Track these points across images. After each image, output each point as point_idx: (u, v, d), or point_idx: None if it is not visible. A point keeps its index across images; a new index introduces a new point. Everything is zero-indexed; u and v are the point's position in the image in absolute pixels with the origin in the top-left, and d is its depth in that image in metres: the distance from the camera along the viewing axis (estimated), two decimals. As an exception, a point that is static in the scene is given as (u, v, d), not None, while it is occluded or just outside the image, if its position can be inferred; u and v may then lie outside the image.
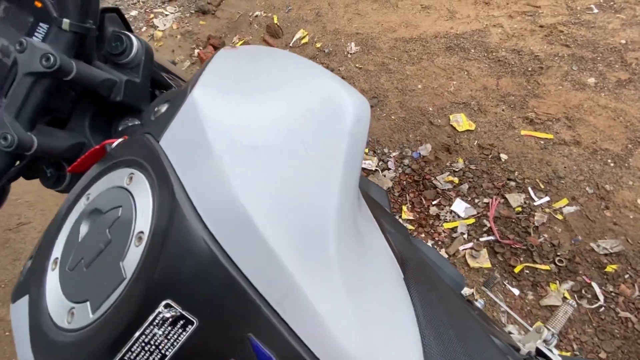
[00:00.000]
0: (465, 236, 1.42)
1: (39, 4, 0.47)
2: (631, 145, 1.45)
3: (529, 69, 1.76)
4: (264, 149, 0.28)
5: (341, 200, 0.29)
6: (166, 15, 2.77)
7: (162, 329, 0.23)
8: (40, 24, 0.47)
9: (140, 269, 0.25)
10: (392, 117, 1.80)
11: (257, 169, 0.27)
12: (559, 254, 1.30)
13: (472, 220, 1.44)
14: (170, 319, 0.23)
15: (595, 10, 1.87)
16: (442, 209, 1.49)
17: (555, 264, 1.29)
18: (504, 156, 1.54)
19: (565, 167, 1.47)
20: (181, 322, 0.23)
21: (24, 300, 0.31)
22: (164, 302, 0.23)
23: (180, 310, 0.23)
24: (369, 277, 0.32)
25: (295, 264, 0.25)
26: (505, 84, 1.75)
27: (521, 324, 0.96)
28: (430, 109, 1.77)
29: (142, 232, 0.26)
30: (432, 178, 1.56)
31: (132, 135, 0.47)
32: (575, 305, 1.15)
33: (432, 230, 1.46)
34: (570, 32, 1.82)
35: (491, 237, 1.39)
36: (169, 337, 0.23)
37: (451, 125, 1.68)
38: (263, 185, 0.27)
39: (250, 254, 0.25)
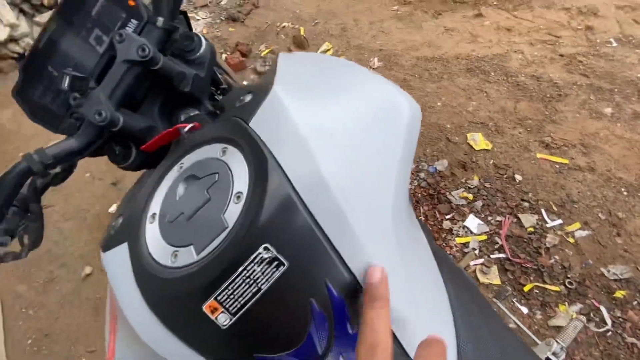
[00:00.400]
0: (477, 252, 1.45)
1: (132, 3, 0.54)
2: (645, 175, 1.48)
3: (548, 95, 1.81)
4: (338, 135, 0.34)
5: (397, 182, 0.34)
6: (197, 20, 2.90)
7: (261, 267, 0.29)
8: (131, 20, 0.54)
9: (242, 219, 0.30)
10: (411, 131, 1.85)
11: (333, 150, 0.33)
12: (569, 276, 1.33)
13: (484, 237, 1.47)
14: (267, 259, 0.29)
15: (614, 44, 1.93)
16: (455, 224, 1.52)
17: (565, 285, 1.31)
18: (518, 177, 1.58)
19: (579, 192, 1.50)
20: (275, 262, 0.29)
21: (122, 247, 0.37)
22: (263, 246, 0.29)
23: (276, 253, 0.29)
24: (415, 254, 0.37)
25: (361, 227, 0.31)
26: (524, 108, 1.80)
27: (530, 337, 0.99)
28: (449, 126, 1.82)
29: (240, 193, 0.32)
30: (447, 193, 1.60)
31: (201, 123, 0.53)
32: (585, 321, 1.17)
33: (444, 244, 1.49)
34: (589, 63, 1.88)
35: (502, 255, 1.42)
36: (265, 274, 0.29)
37: (468, 144, 1.73)
38: (339, 163, 0.32)
39: (328, 216, 0.30)
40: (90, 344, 1.52)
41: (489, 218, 1.52)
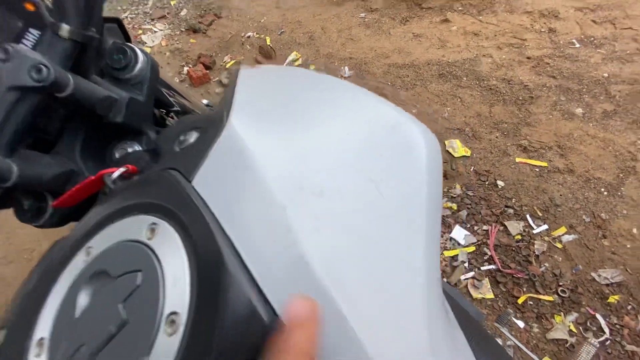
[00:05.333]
0: (466, 265, 1.38)
1: (30, 7, 0.40)
2: (622, 174, 1.48)
3: (520, 98, 1.80)
4: (332, 193, 0.22)
5: (427, 258, 0.23)
6: (155, 32, 2.72)
7: None
8: (31, 30, 0.40)
9: None
10: (388, 141, 1.78)
11: (327, 222, 0.21)
12: (561, 283, 1.28)
13: (472, 248, 1.41)
14: None
15: (577, 45, 1.97)
16: (442, 236, 1.45)
17: (558, 294, 1.26)
18: (500, 183, 1.54)
19: (561, 195, 1.47)
20: None
21: None
22: None
23: None
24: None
25: None
26: (498, 112, 1.78)
27: (531, 358, 0.91)
28: (426, 134, 1.76)
29: (175, 314, 0.19)
30: (431, 204, 1.53)
31: (138, 164, 0.40)
32: (598, 346, 1.11)
33: (432, 259, 1.41)
34: (556, 65, 1.90)
35: (492, 266, 1.35)
36: None
37: (447, 151, 1.67)
38: (338, 246, 0.20)
39: (333, 346, 0.18)
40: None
41: (475, 228, 1.45)
